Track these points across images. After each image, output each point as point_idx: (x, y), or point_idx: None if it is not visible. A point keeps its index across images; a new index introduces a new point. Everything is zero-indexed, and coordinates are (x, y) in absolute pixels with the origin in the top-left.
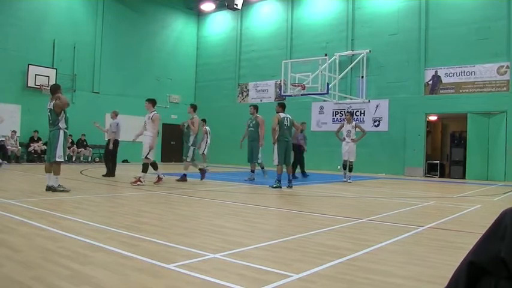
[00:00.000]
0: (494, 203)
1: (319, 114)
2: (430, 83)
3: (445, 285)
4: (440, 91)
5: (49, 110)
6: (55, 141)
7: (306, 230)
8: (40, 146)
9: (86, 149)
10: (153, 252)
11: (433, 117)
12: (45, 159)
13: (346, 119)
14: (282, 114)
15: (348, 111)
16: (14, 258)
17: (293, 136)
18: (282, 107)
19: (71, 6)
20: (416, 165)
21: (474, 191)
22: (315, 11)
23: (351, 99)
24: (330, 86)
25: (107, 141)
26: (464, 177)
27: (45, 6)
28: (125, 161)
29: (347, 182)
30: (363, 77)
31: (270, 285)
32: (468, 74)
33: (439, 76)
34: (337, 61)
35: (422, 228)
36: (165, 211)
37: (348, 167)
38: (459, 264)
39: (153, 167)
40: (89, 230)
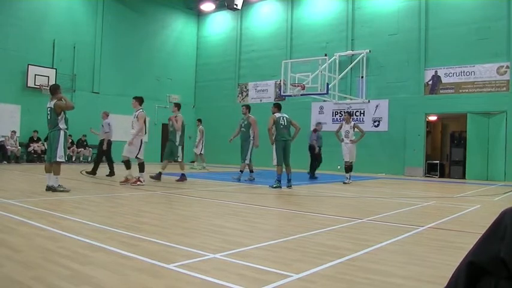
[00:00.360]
0: (494, 203)
1: (319, 114)
2: (430, 83)
3: (445, 285)
4: (440, 91)
5: (49, 109)
6: (55, 141)
7: (306, 230)
8: (40, 146)
9: (85, 149)
10: (153, 252)
11: (433, 117)
12: (45, 159)
13: (344, 119)
14: (277, 114)
15: (346, 111)
16: (14, 258)
17: (309, 137)
18: (277, 107)
19: (71, 6)
20: (416, 165)
21: (474, 191)
22: (315, 11)
23: (351, 100)
24: (329, 86)
25: (100, 141)
26: (464, 177)
27: (45, 6)
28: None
29: (346, 182)
30: (362, 77)
31: (270, 285)
32: (468, 74)
33: (439, 76)
34: (337, 61)
35: (422, 228)
36: (165, 211)
37: (344, 168)
38: (459, 264)
39: (126, 166)
40: (89, 230)
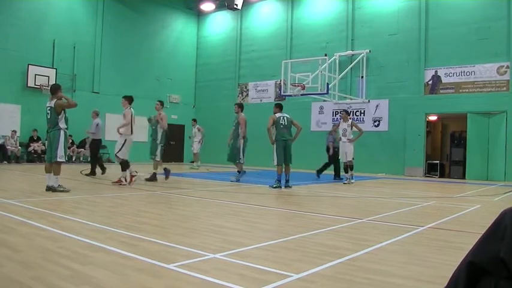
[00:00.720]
0: (494, 203)
1: (319, 114)
2: (430, 83)
3: (445, 285)
4: (440, 91)
5: (49, 108)
6: (56, 141)
7: (306, 230)
8: (40, 146)
9: (85, 149)
10: (153, 252)
11: (433, 117)
12: (46, 159)
13: (342, 118)
14: (278, 114)
15: (344, 110)
16: (14, 258)
17: (326, 139)
18: (279, 107)
19: (71, 6)
20: (416, 165)
21: (474, 191)
22: (315, 11)
23: (351, 99)
24: (329, 86)
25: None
26: (464, 177)
27: (45, 6)
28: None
29: (346, 183)
30: (362, 77)
31: (270, 285)
32: (468, 74)
33: (439, 76)
34: (337, 61)
35: (422, 228)
36: (165, 211)
37: (343, 168)
38: (459, 264)
39: (123, 167)
40: (89, 230)
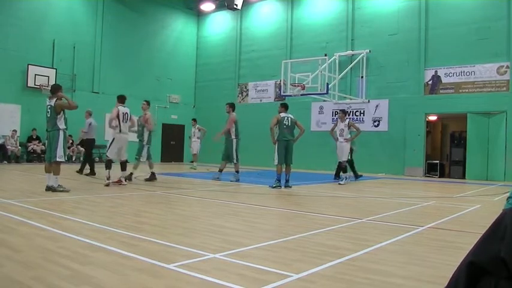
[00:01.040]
0: (494, 203)
1: (319, 114)
2: (430, 83)
3: (445, 286)
4: (440, 91)
5: (49, 107)
6: (55, 141)
7: (306, 230)
8: (39, 146)
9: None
10: (153, 252)
11: (432, 117)
12: (45, 159)
13: (339, 117)
14: (282, 114)
15: (341, 109)
16: (14, 258)
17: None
18: (284, 107)
19: (71, 6)
20: (416, 165)
21: (474, 191)
22: (315, 11)
23: (351, 99)
24: (329, 86)
25: (85, 140)
26: (464, 177)
27: (45, 6)
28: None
29: (339, 183)
30: (362, 77)
31: (270, 285)
32: (468, 74)
33: (439, 76)
34: (337, 61)
35: (422, 228)
36: (165, 211)
37: (340, 168)
38: (459, 264)
39: (123, 167)
40: (89, 230)
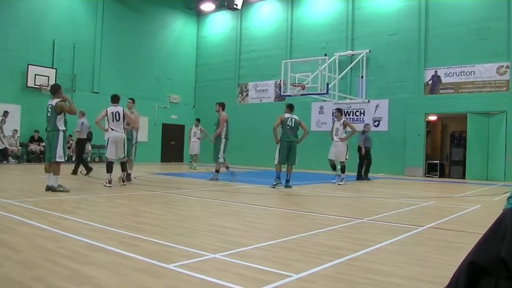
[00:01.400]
0: (494, 203)
1: (319, 114)
2: (430, 83)
3: (445, 285)
4: (440, 91)
5: (50, 107)
6: (55, 141)
7: (306, 230)
8: (39, 147)
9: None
10: (152, 252)
11: (432, 117)
12: (45, 159)
13: (335, 116)
14: (286, 115)
15: (336, 109)
16: (14, 258)
17: (358, 138)
18: (289, 108)
19: (71, 6)
20: (416, 165)
21: (474, 191)
22: (315, 11)
23: (351, 99)
24: (329, 86)
25: (78, 140)
26: (464, 177)
27: (45, 6)
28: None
29: (336, 184)
30: (362, 77)
31: (270, 285)
32: (468, 74)
33: (439, 76)
34: (337, 61)
35: (422, 228)
36: (165, 211)
37: (340, 168)
38: (460, 264)
39: (123, 167)
40: (89, 230)
